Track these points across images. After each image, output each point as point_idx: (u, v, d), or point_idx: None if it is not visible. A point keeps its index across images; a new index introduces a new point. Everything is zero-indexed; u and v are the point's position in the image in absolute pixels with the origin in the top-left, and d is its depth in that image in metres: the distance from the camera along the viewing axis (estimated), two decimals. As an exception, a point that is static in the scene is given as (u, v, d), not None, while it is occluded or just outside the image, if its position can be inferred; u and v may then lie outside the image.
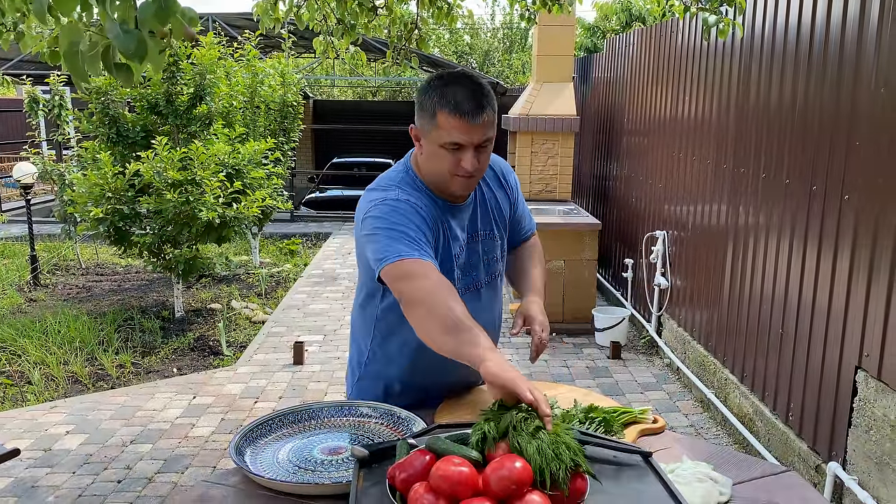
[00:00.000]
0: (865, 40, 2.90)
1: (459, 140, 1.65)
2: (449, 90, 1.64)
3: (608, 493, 1.31)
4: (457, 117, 1.63)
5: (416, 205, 1.71)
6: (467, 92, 1.64)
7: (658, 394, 4.64)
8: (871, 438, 2.84)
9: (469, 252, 1.85)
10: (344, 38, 3.70)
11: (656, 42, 5.53)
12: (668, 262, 5.15)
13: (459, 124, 1.63)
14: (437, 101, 1.65)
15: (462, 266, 1.83)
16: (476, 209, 1.87)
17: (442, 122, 1.65)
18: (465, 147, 1.66)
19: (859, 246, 2.91)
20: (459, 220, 1.82)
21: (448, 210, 1.80)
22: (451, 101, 1.63)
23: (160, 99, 5.89)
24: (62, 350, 5.27)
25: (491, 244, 1.90)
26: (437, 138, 1.67)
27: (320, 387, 4.76)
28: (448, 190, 1.75)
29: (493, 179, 1.93)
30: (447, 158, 1.68)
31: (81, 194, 5.49)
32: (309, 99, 16.33)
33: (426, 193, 1.77)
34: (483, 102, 1.64)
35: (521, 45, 23.82)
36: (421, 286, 1.56)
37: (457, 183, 1.72)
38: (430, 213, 1.73)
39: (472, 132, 1.64)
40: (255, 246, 8.41)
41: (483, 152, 1.69)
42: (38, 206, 11.41)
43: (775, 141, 3.64)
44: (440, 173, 1.72)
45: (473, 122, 1.63)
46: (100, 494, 3.41)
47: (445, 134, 1.65)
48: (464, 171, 1.67)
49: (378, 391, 1.96)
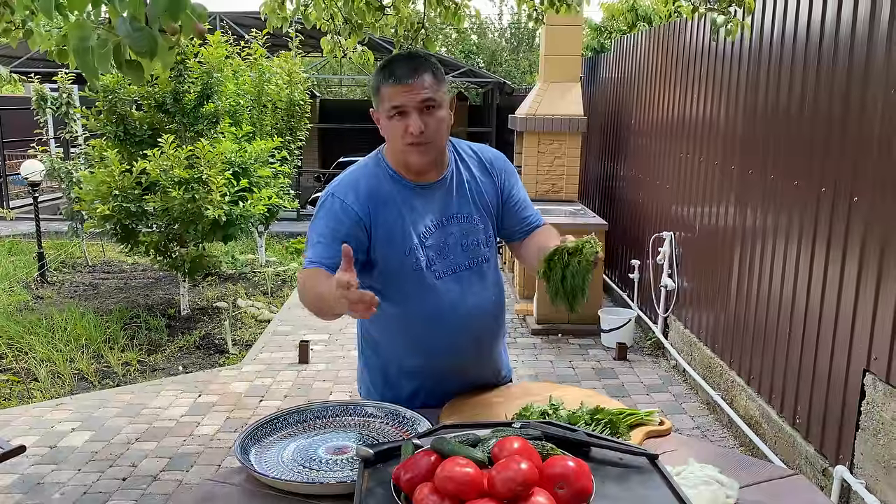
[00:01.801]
0: (875, 41, 2.88)
1: (399, 103, 1.73)
2: (388, 65, 1.76)
3: (614, 495, 1.30)
4: (393, 83, 1.73)
5: (342, 198, 1.80)
6: (402, 60, 1.75)
7: (664, 395, 4.63)
8: (879, 442, 2.82)
9: (442, 234, 1.87)
10: (351, 38, 3.70)
11: (664, 42, 5.51)
12: (674, 264, 5.13)
13: (396, 90, 1.72)
14: (379, 78, 1.76)
15: (434, 247, 1.86)
16: (452, 192, 1.89)
17: (384, 94, 1.75)
18: (408, 110, 1.73)
19: (868, 248, 2.90)
20: (428, 201, 1.86)
21: (415, 191, 1.85)
22: (387, 72, 1.74)
23: (167, 97, 5.90)
24: (68, 347, 5.29)
25: (470, 227, 1.90)
26: (385, 111, 1.77)
27: (325, 386, 4.76)
28: (407, 162, 1.81)
29: (476, 165, 1.95)
30: (397, 127, 1.75)
31: (88, 192, 5.51)
32: (316, 98, 16.35)
33: (389, 176, 1.84)
34: (418, 67, 1.73)
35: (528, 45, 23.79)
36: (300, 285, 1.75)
37: (410, 152, 1.78)
38: (367, 208, 1.79)
39: (409, 93, 1.72)
40: (262, 244, 8.42)
41: (430, 115, 1.75)
42: (46, 204, 11.46)
43: (784, 142, 3.62)
44: (396, 147, 1.80)
45: (409, 82, 1.71)
46: (105, 492, 3.42)
47: (387, 101, 1.75)
48: (410, 135, 1.74)
49: (377, 379, 2.02)
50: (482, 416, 1.83)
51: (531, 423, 1.50)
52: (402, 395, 1.97)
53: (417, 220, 1.83)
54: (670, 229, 5.21)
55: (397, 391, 1.98)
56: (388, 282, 1.84)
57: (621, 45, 6.90)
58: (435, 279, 1.85)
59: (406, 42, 3.92)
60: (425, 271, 1.84)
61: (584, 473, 1.24)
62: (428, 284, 1.85)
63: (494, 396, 1.97)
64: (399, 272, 1.83)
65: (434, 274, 1.85)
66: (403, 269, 1.83)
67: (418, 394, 1.98)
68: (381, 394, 2.00)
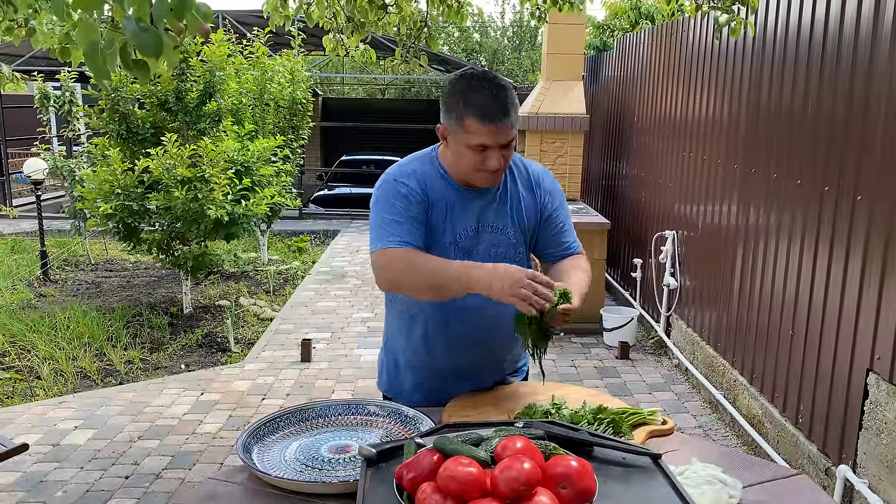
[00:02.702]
0: (879, 39, 2.87)
1: (486, 143, 1.75)
2: (474, 96, 1.74)
3: (617, 495, 1.30)
4: (482, 122, 1.73)
5: (405, 183, 1.84)
6: (492, 98, 1.73)
7: (666, 394, 4.62)
8: (882, 441, 2.81)
9: (474, 240, 1.90)
10: (354, 36, 3.70)
11: (667, 41, 5.50)
12: (677, 263, 5.13)
13: (486, 129, 1.73)
14: (463, 108, 1.74)
15: (465, 251, 1.89)
16: (494, 202, 1.92)
17: (469, 127, 1.74)
18: (491, 148, 1.76)
19: (871, 247, 2.89)
20: (471, 206, 1.89)
21: (461, 194, 1.89)
22: (476, 107, 1.72)
23: (170, 96, 5.90)
24: (71, 345, 5.30)
25: (501, 239, 1.93)
26: (464, 140, 1.77)
27: (328, 384, 4.76)
28: (471, 182, 1.86)
29: (524, 181, 1.98)
30: (473, 158, 1.78)
31: (91, 190, 5.51)
32: (318, 96, 16.35)
33: (440, 175, 1.88)
34: (507, 106, 1.74)
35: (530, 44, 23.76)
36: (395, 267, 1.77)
37: (480, 177, 1.82)
38: (426, 189, 1.85)
39: (497, 135, 1.74)
40: (264, 243, 8.43)
41: (507, 150, 1.79)
42: (49, 202, 11.48)
43: (787, 141, 3.62)
44: (466, 169, 1.82)
45: (498, 125, 1.73)
46: (107, 490, 3.42)
47: (472, 137, 1.75)
48: (488, 168, 1.78)
49: (391, 364, 2.09)
50: (485, 415, 1.83)
51: (534, 423, 1.49)
52: (405, 388, 2.04)
53: (458, 221, 1.88)
54: (673, 228, 5.21)
55: (401, 381, 2.06)
56: None
57: (624, 44, 6.89)
58: None
59: (409, 41, 3.92)
60: None
61: (587, 473, 1.24)
62: None
63: (497, 395, 1.97)
64: None
65: None
66: None
67: (420, 388, 2.02)
68: (389, 381, 2.09)
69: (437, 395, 1.99)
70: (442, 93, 1.84)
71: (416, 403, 1.98)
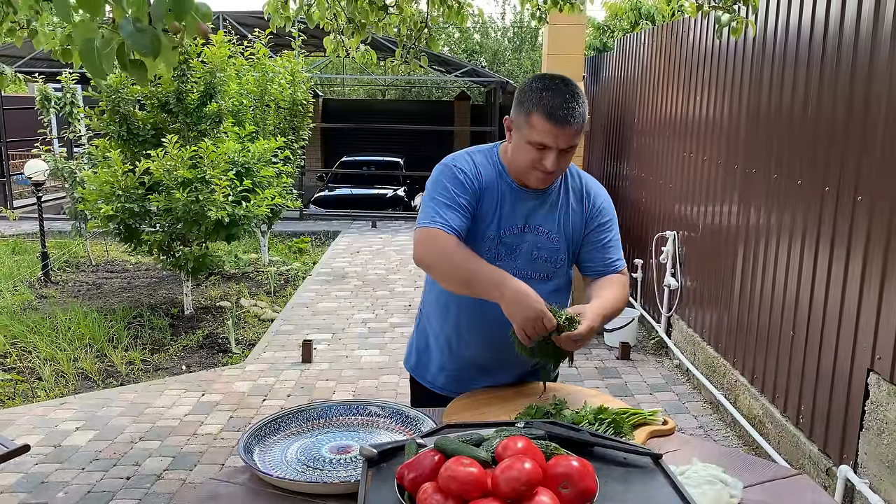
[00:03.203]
0: (880, 39, 2.87)
1: (546, 142, 1.78)
2: (546, 94, 1.77)
3: (618, 495, 1.30)
4: (548, 121, 1.76)
5: (463, 170, 1.88)
6: (562, 100, 1.76)
7: (667, 395, 4.62)
8: (883, 442, 2.81)
9: (519, 238, 1.93)
10: (354, 37, 3.70)
11: (667, 41, 5.50)
12: (678, 263, 5.13)
13: (549, 128, 1.76)
14: (534, 102, 1.78)
15: (508, 246, 1.92)
16: (545, 205, 1.94)
17: (534, 122, 1.78)
18: (551, 148, 1.79)
19: (872, 247, 2.89)
20: (522, 204, 1.92)
21: (514, 191, 1.92)
22: (546, 104, 1.76)
23: (170, 97, 5.90)
24: (72, 346, 5.30)
25: (545, 242, 1.95)
26: (527, 135, 1.80)
27: (329, 385, 4.76)
28: (525, 181, 1.90)
29: (576, 191, 2.00)
30: (532, 154, 1.81)
31: (92, 192, 5.52)
32: (319, 97, 16.36)
33: (497, 170, 1.92)
34: (575, 112, 1.77)
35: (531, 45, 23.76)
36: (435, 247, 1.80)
37: (534, 177, 1.86)
38: (480, 180, 1.88)
39: (559, 137, 1.77)
40: (265, 244, 8.43)
41: (566, 156, 1.83)
42: (50, 203, 11.48)
43: (787, 141, 3.62)
44: (522, 165, 1.85)
45: (562, 128, 1.76)
46: (109, 491, 3.42)
47: (535, 133, 1.78)
48: (544, 168, 1.81)
49: (421, 342, 2.14)
50: (486, 415, 1.83)
51: (535, 423, 1.50)
52: (431, 369, 2.09)
53: (505, 217, 1.91)
54: (673, 228, 5.21)
55: (428, 362, 2.10)
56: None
57: (624, 44, 6.90)
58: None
59: (409, 42, 3.92)
60: (491, 263, 1.87)
61: (588, 473, 1.24)
62: None
63: (498, 396, 1.98)
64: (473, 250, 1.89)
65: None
66: (476, 251, 1.86)
67: (444, 370, 2.07)
68: (417, 360, 2.13)
69: (459, 384, 2.03)
70: (518, 86, 1.87)
71: (441, 386, 2.06)
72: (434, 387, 2.09)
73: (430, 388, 2.10)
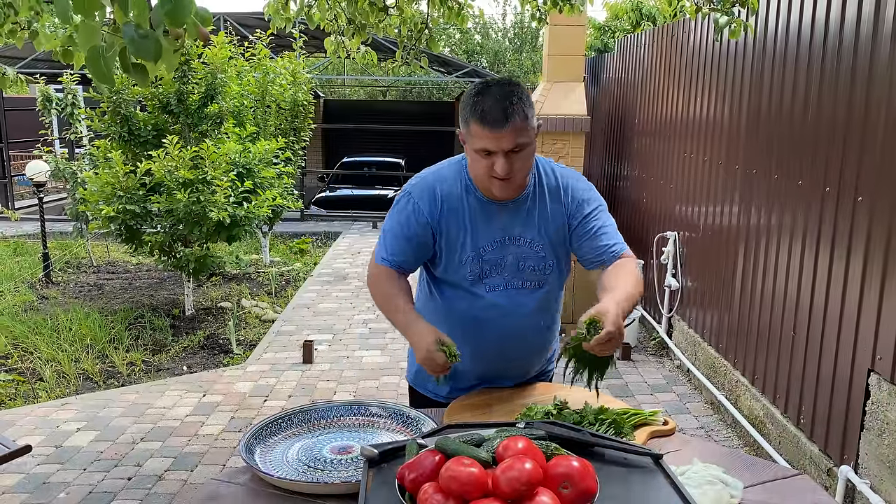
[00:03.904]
0: (880, 40, 2.87)
1: (488, 146, 1.75)
2: (479, 99, 1.75)
3: (618, 495, 1.30)
4: (483, 126, 1.73)
5: (417, 201, 1.89)
6: (494, 102, 1.73)
7: (668, 395, 4.62)
8: (884, 442, 2.81)
9: (499, 252, 1.90)
10: (355, 38, 3.71)
11: (668, 42, 5.51)
12: (678, 264, 5.13)
13: (486, 133, 1.73)
14: (469, 111, 1.76)
15: (492, 262, 1.91)
16: (521, 213, 1.90)
17: (473, 130, 1.76)
18: (496, 153, 1.75)
19: (873, 248, 2.89)
20: (497, 217, 1.90)
21: (486, 206, 1.89)
22: (479, 110, 1.74)
23: (172, 98, 5.91)
24: (73, 347, 5.30)
25: (529, 251, 1.92)
26: (472, 144, 1.79)
27: (329, 386, 4.77)
28: (489, 191, 1.86)
29: (552, 189, 1.93)
30: (482, 163, 1.78)
31: (93, 193, 5.52)
32: (320, 98, 16.37)
33: (465, 186, 1.90)
34: (508, 111, 1.72)
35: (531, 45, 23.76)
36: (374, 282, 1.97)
37: (495, 186, 1.82)
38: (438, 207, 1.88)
39: (499, 140, 1.73)
40: (266, 245, 8.43)
41: (517, 157, 1.77)
42: (51, 205, 11.49)
43: (787, 142, 3.62)
44: (480, 176, 1.83)
45: (499, 130, 1.72)
46: (110, 491, 3.43)
47: (477, 141, 1.77)
48: (496, 174, 1.77)
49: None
50: (487, 416, 1.83)
51: (535, 423, 1.50)
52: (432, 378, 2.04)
53: (481, 234, 1.89)
54: (674, 229, 5.21)
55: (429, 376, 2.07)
56: (444, 277, 1.96)
57: (625, 45, 6.90)
58: (486, 291, 1.92)
59: (409, 42, 3.92)
60: (478, 283, 1.92)
61: (589, 473, 1.24)
62: (476, 294, 1.92)
63: (499, 397, 1.98)
64: (455, 276, 1.94)
65: (486, 286, 1.92)
66: (458, 274, 1.93)
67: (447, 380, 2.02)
68: (418, 371, 2.10)
69: (461, 391, 2.02)
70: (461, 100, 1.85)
71: (445, 396, 2.04)
72: (438, 397, 2.07)
73: (433, 398, 2.09)
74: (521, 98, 1.75)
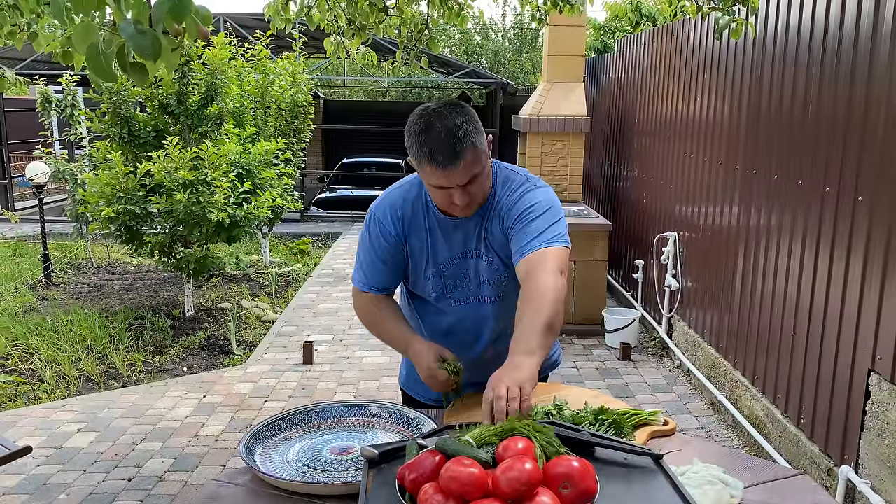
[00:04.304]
0: (880, 39, 2.87)
1: (443, 184, 1.74)
2: (425, 139, 1.70)
3: (618, 495, 1.30)
4: (435, 167, 1.71)
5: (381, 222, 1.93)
6: (441, 141, 1.68)
7: (668, 396, 4.62)
8: (885, 442, 2.81)
9: (460, 267, 1.93)
10: (355, 39, 3.71)
11: (668, 42, 5.51)
12: (678, 264, 5.13)
13: (439, 173, 1.72)
14: (416, 149, 1.73)
15: (454, 277, 1.94)
16: (478, 227, 1.91)
17: (425, 169, 1.74)
18: (452, 188, 1.75)
19: (873, 248, 2.89)
20: (455, 233, 1.91)
21: (445, 224, 1.90)
22: (427, 151, 1.70)
23: (171, 99, 5.91)
24: (74, 348, 5.30)
25: (485, 265, 1.93)
26: (426, 179, 1.79)
27: (330, 386, 4.77)
28: (450, 215, 1.88)
29: (498, 200, 1.88)
30: (439, 195, 1.79)
31: (93, 194, 5.52)
32: (320, 99, 16.37)
33: (424, 204, 1.91)
34: (458, 148, 1.68)
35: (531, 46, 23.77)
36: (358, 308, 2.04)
37: (455, 210, 1.84)
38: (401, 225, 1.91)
39: (451, 177, 1.72)
40: (266, 245, 8.43)
41: (473, 185, 1.76)
42: (51, 206, 11.49)
43: (787, 142, 3.62)
44: (439, 205, 1.85)
45: (451, 168, 1.70)
46: (110, 492, 3.43)
47: (431, 178, 1.75)
48: (456, 204, 1.79)
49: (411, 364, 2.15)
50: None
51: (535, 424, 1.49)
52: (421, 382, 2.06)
53: (440, 251, 1.91)
54: (674, 229, 5.21)
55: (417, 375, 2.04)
56: (415, 291, 2.01)
57: (625, 45, 6.90)
58: (451, 305, 1.95)
59: (409, 43, 3.93)
60: (442, 297, 1.96)
61: (589, 473, 1.24)
62: (441, 309, 1.96)
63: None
64: (423, 290, 1.98)
65: (451, 300, 1.96)
66: (424, 290, 1.97)
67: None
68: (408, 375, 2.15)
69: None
70: (406, 125, 1.77)
71: (434, 399, 2.05)
72: (429, 400, 2.07)
73: (425, 402, 2.09)
74: (468, 128, 1.70)
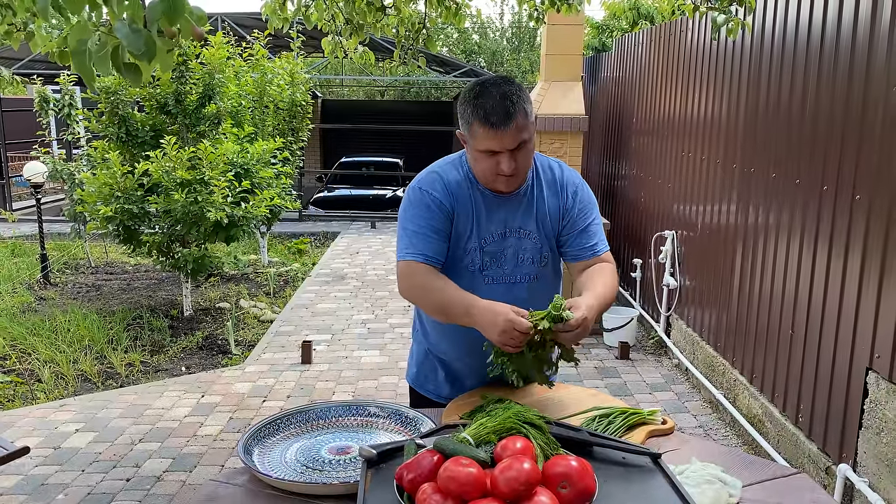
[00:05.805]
0: (877, 38, 2.88)
1: (493, 147, 1.77)
2: (480, 101, 1.76)
3: (617, 494, 1.30)
4: (488, 128, 1.75)
5: (431, 193, 1.88)
6: (495, 102, 1.74)
7: (667, 394, 4.62)
8: (882, 440, 2.82)
9: (500, 244, 1.93)
10: (352, 38, 3.71)
11: (666, 41, 5.51)
12: (676, 263, 5.13)
13: (491, 133, 1.75)
14: (471, 112, 1.78)
15: (491, 254, 1.93)
16: (521, 206, 1.94)
17: (477, 132, 1.78)
18: (501, 152, 1.78)
19: (870, 246, 2.89)
20: (498, 210, 1.92)
21: (488, 198, 1.91)
22: (481, 112, 1.75)
23: (169, 98, 5.90)
24: (72, 348, 5.30)
25: (527, 243, 1.94)
26: (475, 145, 1.81)
27: (328, 386, 4.76)
28: (494, 188, 1.89)
29: (550, 183, 1.98)
30: (487, 161, 1.81)
31: (91, 193, 5.52)
32: (318, 98, 16.36)
33: (468, 179, 1.91)
34: (511, 110, 1.74)
35: (529, 45, 23.77)
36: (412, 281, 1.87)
37: (500, 182, 1.85)
38: (452, 197, 1.88)
39: (503, 140, 1.76)
40: (264, 245, 8.43)
41: (520, 153, 1.80)
42: (49, 205, 11.48)
43: (785, 140, 3.62)
44: (484, 174, 1.85)
45: (503, 130, 1.74)
46: (108, 493, 3.42)
47: (481, 142, 1.78)
48: (503, 172, 1.80)
49: (420, 355, 2.15)
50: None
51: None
52: (433, 378, 2.11)
53: (484, 226, 1.92)
54: (672, 228, 5.21)
55: (427, 372, 2.12)
56: (445, 270, 1.92)
57: (623, 44, 6.90)
58: (484, 283, 1.93)
59: (407, 42, 3.92)
60: (478, 273, 1.93)
61: (587, 473, 1.24)
62: (476, 285, 1.92)
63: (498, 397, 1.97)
64: (456, 266, 1.93)
65: (485, 278, 1.94)
66: (461, 264, 1.93)
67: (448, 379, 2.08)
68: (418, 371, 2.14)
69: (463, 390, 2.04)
70: (458, 100, 1.86)
71: (446, 396, 2.06)
72: (440, 398, 2.09)
73: (433, 399, 2.10)
74: (521, 95, 1.77)
